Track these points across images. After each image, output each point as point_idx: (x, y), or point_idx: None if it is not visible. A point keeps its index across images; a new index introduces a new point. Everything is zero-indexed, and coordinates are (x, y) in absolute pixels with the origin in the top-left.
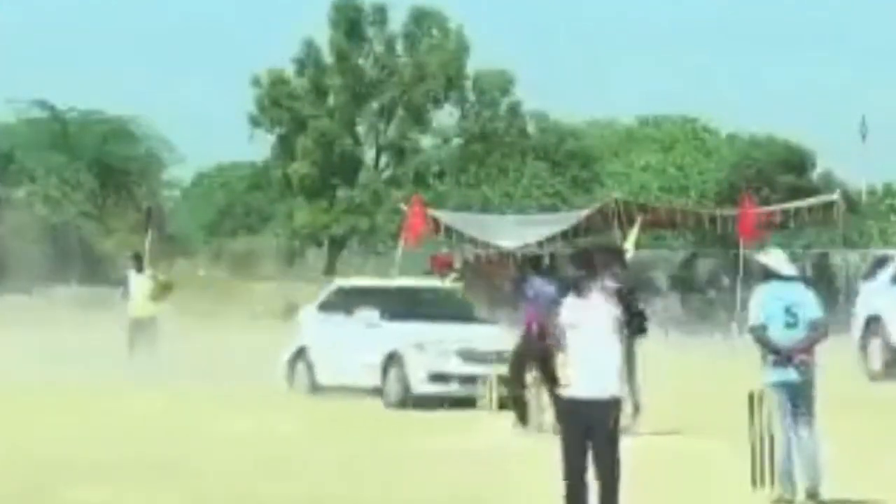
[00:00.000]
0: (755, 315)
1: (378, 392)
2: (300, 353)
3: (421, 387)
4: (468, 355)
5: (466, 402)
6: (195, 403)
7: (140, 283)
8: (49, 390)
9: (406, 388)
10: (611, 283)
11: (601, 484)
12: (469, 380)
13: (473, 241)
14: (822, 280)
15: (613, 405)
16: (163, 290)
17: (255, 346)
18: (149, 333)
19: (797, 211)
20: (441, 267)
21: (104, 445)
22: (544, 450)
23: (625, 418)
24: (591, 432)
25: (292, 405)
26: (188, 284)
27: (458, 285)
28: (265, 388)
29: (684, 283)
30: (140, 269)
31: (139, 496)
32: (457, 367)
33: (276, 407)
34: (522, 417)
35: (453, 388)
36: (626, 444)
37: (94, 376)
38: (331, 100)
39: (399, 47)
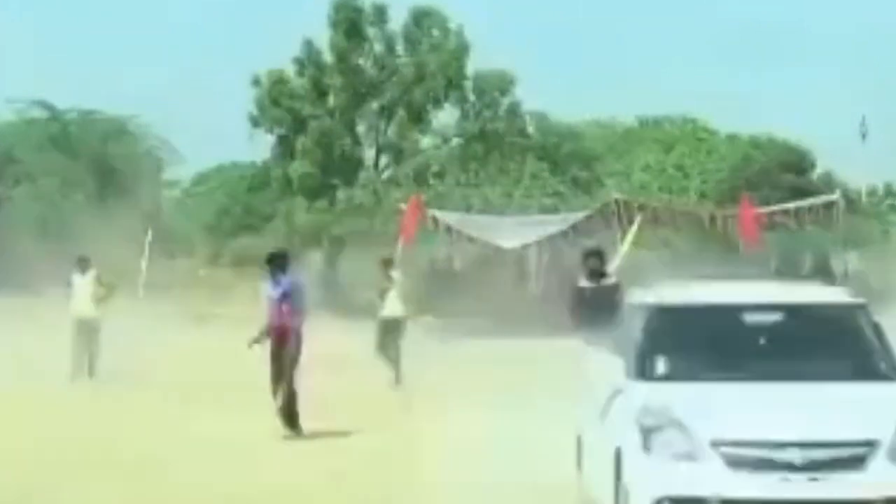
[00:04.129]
0: None
1: None
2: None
3: None
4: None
5: None
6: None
7: (84, 285)
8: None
9: None
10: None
11: None
12: None
13: (473, 241)
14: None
15: None
16: (108, 292)
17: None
18: (92, 334)
19: (797, 211)
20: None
21: (81, 444)
22: None
23: None
24: None
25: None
26: (188, 284)
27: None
28: (242, 387)
29: None
30: (84, 271)
31: (129, 494)
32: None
33: (251, 406)
34: None
35: None
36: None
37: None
38: (331, 100)
39: (399, 47)
